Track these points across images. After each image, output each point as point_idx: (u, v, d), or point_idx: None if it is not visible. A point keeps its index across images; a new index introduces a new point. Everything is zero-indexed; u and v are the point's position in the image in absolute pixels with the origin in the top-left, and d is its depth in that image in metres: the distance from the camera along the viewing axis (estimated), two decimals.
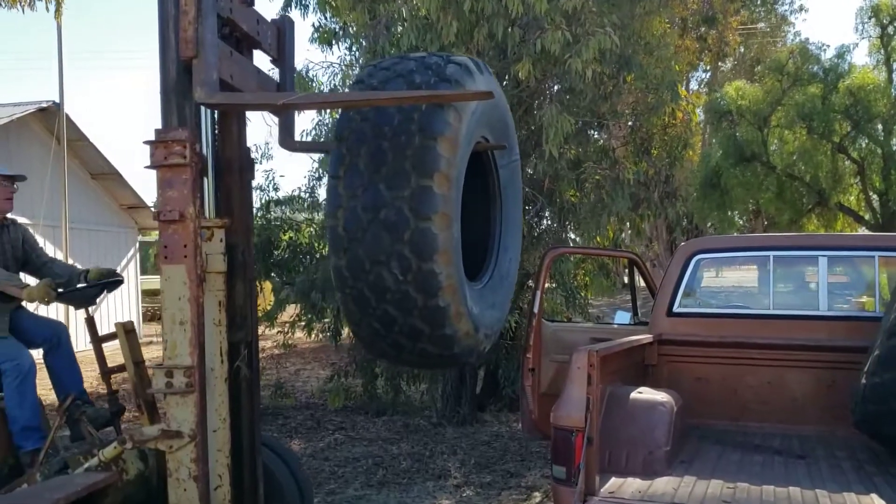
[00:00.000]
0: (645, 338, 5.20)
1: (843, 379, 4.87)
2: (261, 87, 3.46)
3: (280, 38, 3.62)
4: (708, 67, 24.61)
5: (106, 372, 4.51)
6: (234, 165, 3.39)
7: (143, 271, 21.70)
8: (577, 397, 3.67)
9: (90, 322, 4.54)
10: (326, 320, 10.08)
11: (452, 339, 3.21)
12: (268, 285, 12.09)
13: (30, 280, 4.64)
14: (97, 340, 4.54)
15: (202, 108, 3.08)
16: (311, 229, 10.99)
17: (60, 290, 4.44)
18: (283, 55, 3.64)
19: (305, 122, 44.49)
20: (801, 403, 5.15)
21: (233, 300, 3.30)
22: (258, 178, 14.94)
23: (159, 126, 3.03)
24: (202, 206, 3.09)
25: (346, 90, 7.20)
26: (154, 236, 22.81)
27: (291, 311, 11.03)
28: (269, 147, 11.44)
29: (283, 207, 11.11)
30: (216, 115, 3.29)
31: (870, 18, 16.60)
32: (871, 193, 17.37)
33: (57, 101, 15.32)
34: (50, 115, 15.56)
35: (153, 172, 2.96)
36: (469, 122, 3.16)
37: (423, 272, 2.99)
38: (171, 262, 2.93)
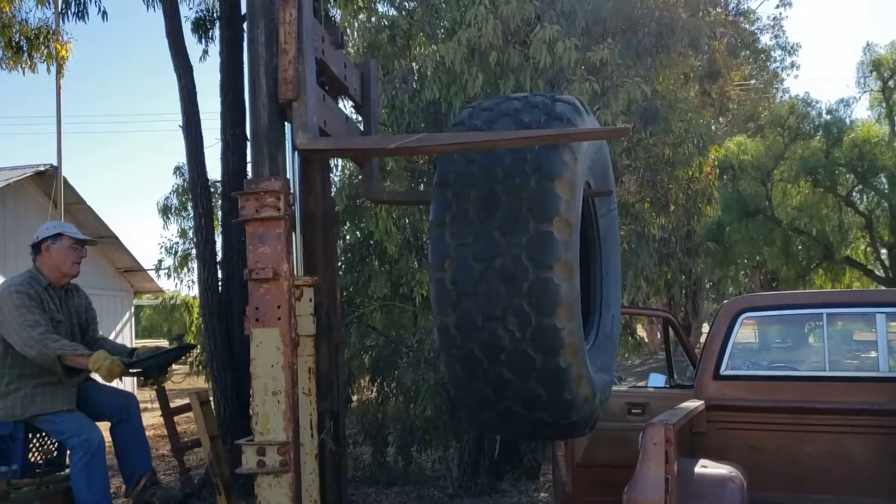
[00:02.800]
0: (699, 404, 4.84)
1: None
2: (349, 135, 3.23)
3: (363, 83, 3.39)
4: (712, 123, 24.72)
5: (179, 448, 4.16)
6: (318, 219, 3.12)
7: (137, 335, 21.21)
8: (654, 477, 3.29)
9: (161, 393, 4.18)
10: None
11: (571, 405, 2.88)
12: None
13: None
14: (169, 413, 4.19)
15: (290, 156, 2.82)
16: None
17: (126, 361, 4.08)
18: (366, 101, 3.40)
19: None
20: (867, 473, 4.76)
21: (318, 366, 3.01)
22: None
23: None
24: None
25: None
26: (147, 300, 22.36)
27: None
28: None
29: None
30: (296, 165, 3.01)
31: (871, 72, 16.68)
32: (879, 247, 17.19)
33: (55, 164, 15.09)
34: (47, 179, 15.32)
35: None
36: (582, 164, 2.90)
37: (544, 328, 2.68)
38: (263, 325, 2.64)
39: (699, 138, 7.58)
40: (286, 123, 2.81)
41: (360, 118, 3.50)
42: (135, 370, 4.14)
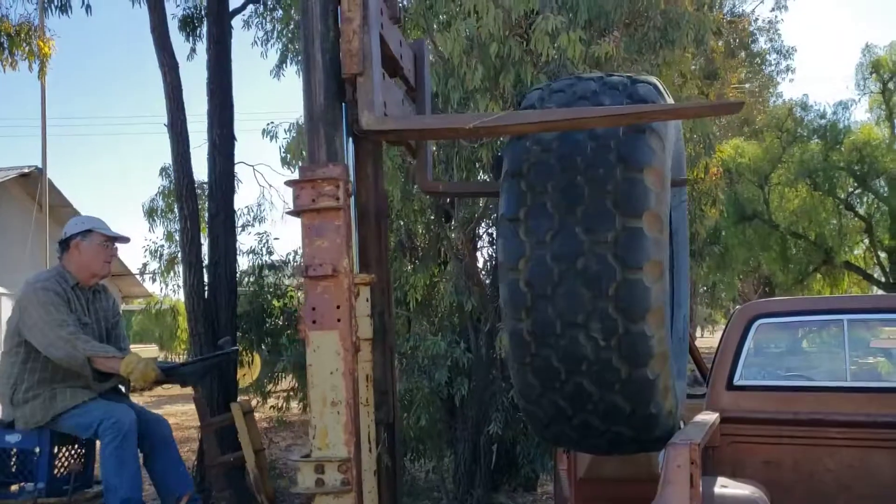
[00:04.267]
0: (715, 417, 4.55)
1: None
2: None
3: (417, 64, 3.12)
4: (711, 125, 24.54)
5: (220, 463, 3.85)
6: (371, 210, 2.85)
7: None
8: (679, 503, 3.00)
9: (200, 403, 3.88)
10: None
11: (655, 419, 2.65)
12: (257, 356, 11.45)
13: None
14: (209, 425, 3.89)
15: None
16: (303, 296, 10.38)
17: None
18: (419, 84, 3.13)
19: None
20: (891, 490, 4.48)
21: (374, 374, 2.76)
22: (250, 241, 14.30)
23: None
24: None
25: None
26: (137, 304, 21.98)
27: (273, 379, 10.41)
28: (262, 209, 10.88)
29: (276, 273, 10.51)
30: (350, 151, 2.74)
31: (870, 74, 16.50)
32: (878, 251, 17.01)
33: (39, 166, 14.77)
34: (32, 181, 15.02)
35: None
36: (669, 152, 2.64)
37: (632, 336, 2.44)
38: (321, 327, 2.36)
39: (705, 138, 7.33)
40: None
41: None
42: (173, 377, 3.83)
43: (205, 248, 8.08)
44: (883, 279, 16.97)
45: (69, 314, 3.82)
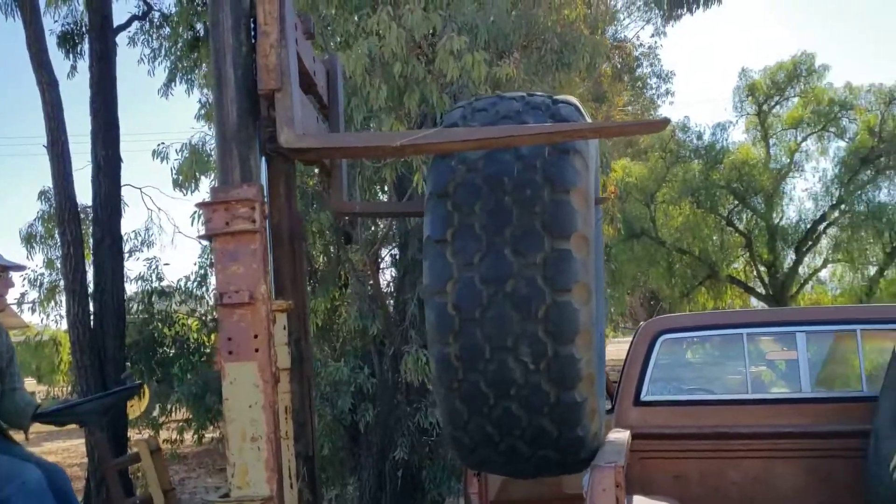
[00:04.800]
0: (628, 435, 4.58)
1: (838, 468, 4.40)
2: None
3: (330, 81, 2.97)
4: None
5: None
6: (284, 233, 2.68)
7: None
8: None
9: (100, 443, 3.60)
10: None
11: (582, 442, 2.60)
12: (146, 387, 10.89)
13: None
14: (112, 466, 3.57)
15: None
16: (196, 323, 9.99)
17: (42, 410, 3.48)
18: (332, 102, 2.99)
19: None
20: (793, 500, 4.61)
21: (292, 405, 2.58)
22: (139, 267, 13.71)
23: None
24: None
25: None
26: (14, 336, 20.63)
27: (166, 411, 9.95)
28: (150, 233, 10.41)
29: (167, 299, 10.05)
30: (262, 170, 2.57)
31: (747, 97, 17.36)
32: (758, 265, 17.86)
33: None
34: None
35: None
36: (593, 173, 2.62)
37: (561, 359, 2.38)
38: (238, 358, 2.20)
39: (602, 157, 7.48)
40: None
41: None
42: (69, 417, 3.53)
43: (90, 276, 7.64)
44: (763, 291, 17.82)
45: None
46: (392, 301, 7.79)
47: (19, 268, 3.90)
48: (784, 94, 17.92)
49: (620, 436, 4.45)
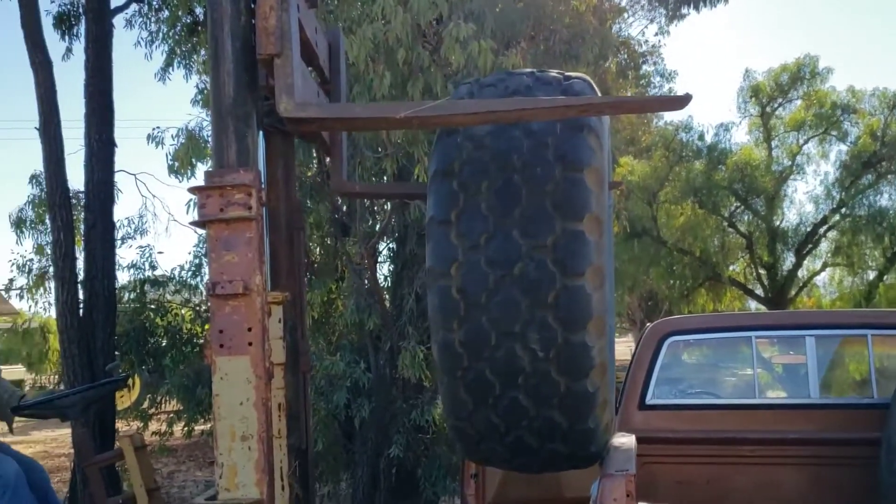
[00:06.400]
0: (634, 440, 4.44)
1: (847, 476, 4.27)
2: None
3: (332, 55, 2.83)
4: None
5: None
6: (282, 220, 2.57)
7: None
8: None
9: (82, 439, 3.51)
10: None
11: (593, 435, 2.46)
12: (138, 378, 10.76)
13: None
14: (94, 463, 3.45)
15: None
16: (190, 313, 9.83)
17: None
18: (334, 75, 2.85)
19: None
20: None
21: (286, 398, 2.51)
22: (131, 255, 13.53)
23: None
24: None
25: None
26: (3, 322, 20.44)
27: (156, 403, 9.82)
28: (144, 220, 10.22)
29: (160, 288, 9.89)
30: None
31: (750, 98, 17.25)
32: (758, 267, 17.77)
33: None
34: None
35: None
36: (607, 152, 2.48)
37: (572, 346, 2.26)
38: (230, 352, 2.07)
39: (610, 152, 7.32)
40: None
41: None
42: (50, 410, 3.38)
43: (80, 263, 7.48)
44: (762, 294, 17.73)
45: None
46: (389, 296, 7.64)
47: None
48: (787, 96, 17.85)
49: (628, 441, 4.30)
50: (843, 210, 17.17)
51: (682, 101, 2.17)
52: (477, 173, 2.35)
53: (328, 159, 2.87)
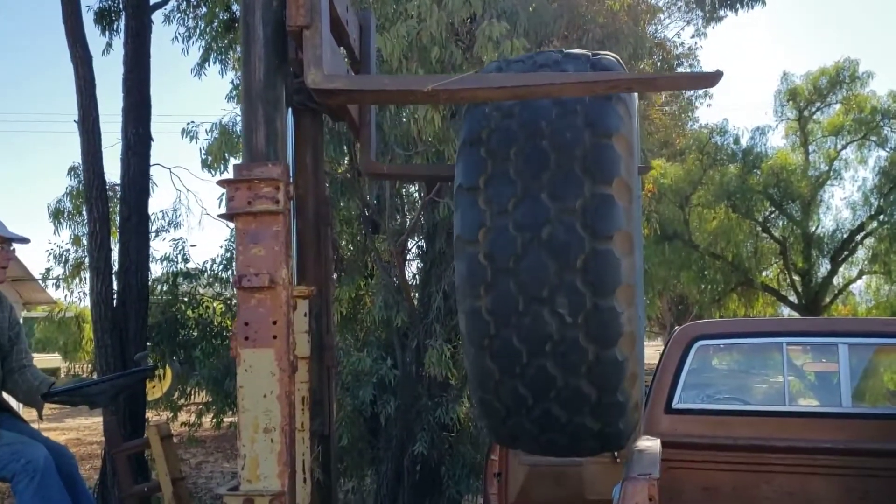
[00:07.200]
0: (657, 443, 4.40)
1: (878, 489, 4.20)
2: None
3: (362, 36, 2.84)
4: None
5: (132, 494, 3.41)
6: (309, 210, 2.56)
7: (30, 349, 19.63)
8: None
9: (110, 427, 3.46)
10: None
11: (623, 409, 2.40)
12: (169, 369, 10.90)
13: None
14: (121, 451, 3.47)
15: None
16: (220, 306, 9.93)
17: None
18: (364, 57, 2.86)
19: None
20: None
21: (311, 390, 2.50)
22: (165, 248, 13.72)
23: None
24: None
25: None
26: (40, 311, 20.82)
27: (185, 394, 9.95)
28: (178, 214, 10.35)
29: (192, 281, 10.00)
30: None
31: (787, 101, 17.01)
32: (792, 273, 17.51)
33: None
34: None
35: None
36: (636, 121, 2.48)
37: (601, 312, 2.23)
38: (255, 344, 2.09)
39: (643, 154, 7.27)
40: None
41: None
42: (79, 398, 3.43)
43: (115, 254, 7.59)
44: (795, 300, 17.47)
45: None
46: (417, 294, 7.65)
47: (23, 240, 3.80)
48: (826, 100, 17.57)
49: (652, 444, 4.27)
50: (882, 217, 16.85)
51: (712, 79, 2.14)
52: (505, 141, 2.34)
53: (356, 144, 2.87)
